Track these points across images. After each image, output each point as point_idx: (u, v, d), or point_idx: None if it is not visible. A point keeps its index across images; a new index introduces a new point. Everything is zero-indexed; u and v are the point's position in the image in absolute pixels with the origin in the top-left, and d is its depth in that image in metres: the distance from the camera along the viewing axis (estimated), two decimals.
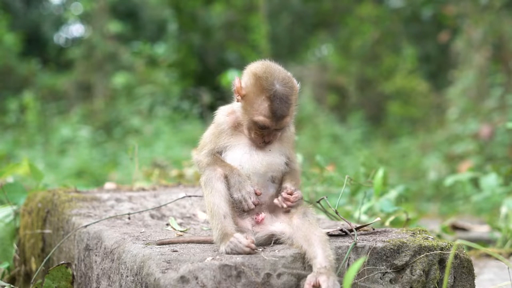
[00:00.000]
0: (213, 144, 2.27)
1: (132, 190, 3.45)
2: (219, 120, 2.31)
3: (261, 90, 2.15)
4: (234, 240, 2.05)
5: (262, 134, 2.21)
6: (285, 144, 2.30)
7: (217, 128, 2.30)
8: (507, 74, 10.04)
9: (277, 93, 2.13)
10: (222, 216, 2.11)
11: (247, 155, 2.23)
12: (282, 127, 2.20)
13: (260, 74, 2.17)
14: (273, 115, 2.14)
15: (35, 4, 19.45)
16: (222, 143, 2.27)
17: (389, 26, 16.03)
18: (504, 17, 10.04)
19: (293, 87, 2.19)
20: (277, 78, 2.16)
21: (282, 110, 2.14)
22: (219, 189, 2.15)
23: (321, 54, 19.05)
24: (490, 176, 4.90)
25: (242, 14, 17.28)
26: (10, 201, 3.37)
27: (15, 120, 12.76)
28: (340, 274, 2.05)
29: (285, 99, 2.14)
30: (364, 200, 3.54)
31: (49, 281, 2.42)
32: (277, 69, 2.20)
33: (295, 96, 2.20)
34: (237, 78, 2.24)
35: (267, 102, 2.14)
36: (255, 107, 2.16)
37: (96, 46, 14.42)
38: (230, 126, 2.28)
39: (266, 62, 2.23)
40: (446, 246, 2.20)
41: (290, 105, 2.16)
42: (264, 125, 2.17)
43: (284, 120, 2.17)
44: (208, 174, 2.18)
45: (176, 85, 14.29)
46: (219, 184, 2.15)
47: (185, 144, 11.01)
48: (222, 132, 2.28)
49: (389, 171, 5.56)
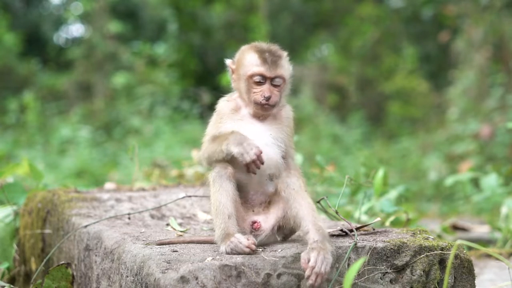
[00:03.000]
0: (215, 129, 2.28)
1: (132, 190, 3.44)
2: (220, 106, 2.35)
3: (249, 50, 2.29)
4: (235, 240, 2.05)
5: (262, 90, 2.23)
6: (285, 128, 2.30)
7: (218, 115, 2.32)
8: (507, 74, 10.04)
9: (264, 47, 2.27)
10: (227, 216, 2.12)
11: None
12: (277, 76, 2.24)
13: (247, 47, 2.32)
14: (264, 61, 2.23)
15: (35, 4, 19.44)
16: (223, 127, 2.27)
17: (389, 26, 16.02)
18: (504, 17, 10.04)
19: (280, 50, 2.30)
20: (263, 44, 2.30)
21: (272, 57, 2.24)
22: (227, 189, 2.14)
23: (321, 54, 19.04)
24: (490, 176, 4.90)
25: (242, 14, 17.26)
26: (10, 201, 3.37)
27: (15, 120, 12.76)
28: (340, 274, 2.04)
29: (273, 51, 2.27)
30: (364, 200, 3.54)
31: (49, 281, 2.42)
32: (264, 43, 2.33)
33: (285, 58, 2.30)
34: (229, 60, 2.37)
35: (257, 54, 2.26)
36: (246, 63, 2.26)
37: (96, 46, 14.41)
38: (231, 109, 2.31)
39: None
40: (447, 246, 2.20)
41: (280, 57, 2.26)
42: (259, 73, 2.23)
43: (278, 68, 2.24)
44: (219, 171, 2.17)
45: (176, 85, 14.28)
46: (228, 183, 2.15)
47: (185, 144, 11.01)
48: (223, 116, 2.30)
49: (389, 171, 5.56)
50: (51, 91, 14.65)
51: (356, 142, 12.46)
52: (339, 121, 14.04)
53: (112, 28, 14.68)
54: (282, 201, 2.18)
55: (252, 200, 2.23)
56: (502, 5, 10.03)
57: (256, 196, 2.24)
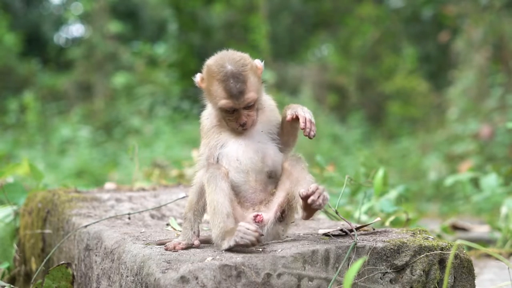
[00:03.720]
0: (203, 147, 2.28)
1: (132, 190, 3.44)
2: (202, 124, 2.32)
3: (213, 76, 2.19)
4: (242, 229, 2.03)
5: (235, 117, 2.21)
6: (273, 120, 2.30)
7: (203, 131, 2.31)
8: (507, 74, 10.04)
9: (228, 73, 2.16)
10: (225, 215, 2.11)
11: (242, 146, 2.23)
12: (247, 104, 2.19)
13: (211, 63, 2.23)
14: (230, 94, 2.16)
15: (35, 4, 19.45)
16: (212, 142, 2.26)
17: (389, 26, 16.02)
18: (504, 17, 10.03)
19: (245, 64, 2.20)
20: (226, 61, 2.19)
21: (237, 87, 2.16)
22: (223, 188, 2.14)
23: (321, 54, 19.04)
24: (490, 176, 4.90)
25: (242, 14, 17.26)
26: (10, 201, 3.37)
27: (15, 120, 12.76)
28: (340, 274, 2.05)
29: (237, 75, 2.16)
30: (364, 200, 3.54)
31: (49, 281, 2.42)
32: (228, 53, 2.23)
33: (251, 71, 2.20)
34: (198, 74, 2.29)
35: (221, 85, 2.17)
36: (214, 94, 2.20)
37: (96, 46, 14.41)
38: (214, 125, 2.28)
39: (220, 52, 2.27)
40: (446, 246, 2.20)
41: (245, 81, 2.17)
42: (228, 106, 2.18)
43: (246, 96, 2.17)
44: (213, 172, 2.17)
45: (176, 85, 14.27)
46: (223, 182, 2.15)
47: (185, 144, 11.01)
48: (207, 132, 2.28)
49: (389, 171, 5.56)
50: (51, 91, 14.66)
51: (356, 142, 12.46)
52: (339, 121, 14.05)
53: (112, 28, 14.68)
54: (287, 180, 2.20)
55: (252, 199, 2.23)
56: (502, 5, 10.03)
57: (255, 194, 2.23)
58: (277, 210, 2.19)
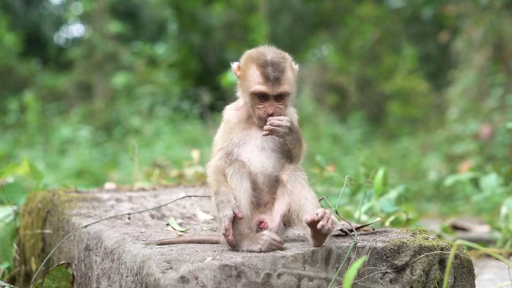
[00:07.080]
0: (226, 142, 2.27)
1: (132, 190, 3.44)
2: (228, 116, 2.33)
3: (252, 63, 2.23)
4: (268, 239, 2.06)
5: (264, 106, 2.22)
6: None
7: (227, 124, 2.31)
8: (507, 74, 10.04)
9: (267, 60, 2.21)
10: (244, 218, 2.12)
11: (257, 150, 2.24)
12: (280, 93, 2.21)
13: (251, 51, 2.29)
14: (266, 79, 2.19)
15: (35, 4, 19.45)
16: (234, 139, 2.26)
17: (389, 26, 16.01)
18: (504, 17, 10.03)
19: (285, 58, 2.26)
20: (267, 52, 2.24)
21: (275, 74, 2.19)
22: (247, 188, 2.14)
23: (321, 54, 19.03)
24: (490, 176, 4.90)
25: (242, 14, 17.26)
26: (10, 201, 3.37)
27: (15, 120, 12.76)
28: (340, 274, 2.05)
29: (276, 65, 2.21)
30: (364, 200, 3.54)
31: (49, 281, 2.42)
32: (269, 47, 2.28)
33: (289, 67, 2.25)
34: (235, 62, 2.34)
35: (259, 70, 2.21)
36: (249, 78, 2.23)
37: (96, 46, 14.41)
38: (240, 119, 2.29)
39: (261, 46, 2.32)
40: (446, 246, 2.20)
41: (283, 71, 2.21)
42: (261, 91, 2.20)
43: (281, 85, 2.20)
44: (238, 169, 2.16)
45: (176, 85, 14.28)
46: (247, 182, 2.15)
47: (185, 144, 11.01)
48: (233, 126, 2.29)
49: (389, 171, 5.56)
50: (51, 91, 14.65)
51: (356, 142, 12.46)
52: (339, 121, 14.04)
53: (112, 28, 14.68)
54: (286, 195, 2.18)
55: (257, 200, 2.22)
56: (502, 5, 10.03)
57: (261, 195, 2.23)
58: (280, 222, 2.19)
